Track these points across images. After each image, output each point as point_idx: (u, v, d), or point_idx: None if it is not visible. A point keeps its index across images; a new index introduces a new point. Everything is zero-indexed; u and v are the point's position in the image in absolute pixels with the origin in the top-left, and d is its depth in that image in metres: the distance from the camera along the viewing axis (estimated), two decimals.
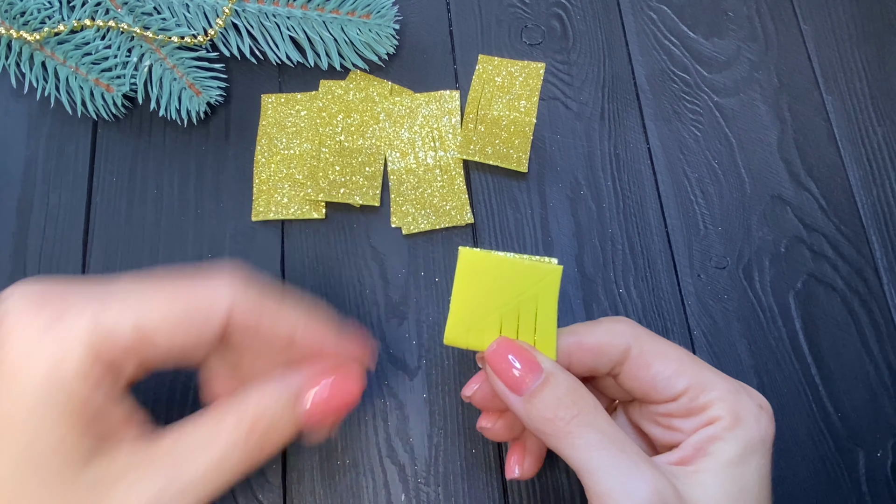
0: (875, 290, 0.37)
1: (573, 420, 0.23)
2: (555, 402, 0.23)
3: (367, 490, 0.32)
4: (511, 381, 0.24)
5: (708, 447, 0.24)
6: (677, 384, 0.25)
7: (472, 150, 0.38)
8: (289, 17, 0.38)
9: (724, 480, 0.23)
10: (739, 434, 0.24)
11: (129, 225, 0.37)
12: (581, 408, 0.23)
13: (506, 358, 0.24)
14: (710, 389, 0.25)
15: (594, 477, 0.22)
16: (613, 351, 0.26)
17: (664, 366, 0.25)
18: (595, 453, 0.22)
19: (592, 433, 0.23)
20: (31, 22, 0.36)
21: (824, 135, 0.40)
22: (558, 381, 0.24)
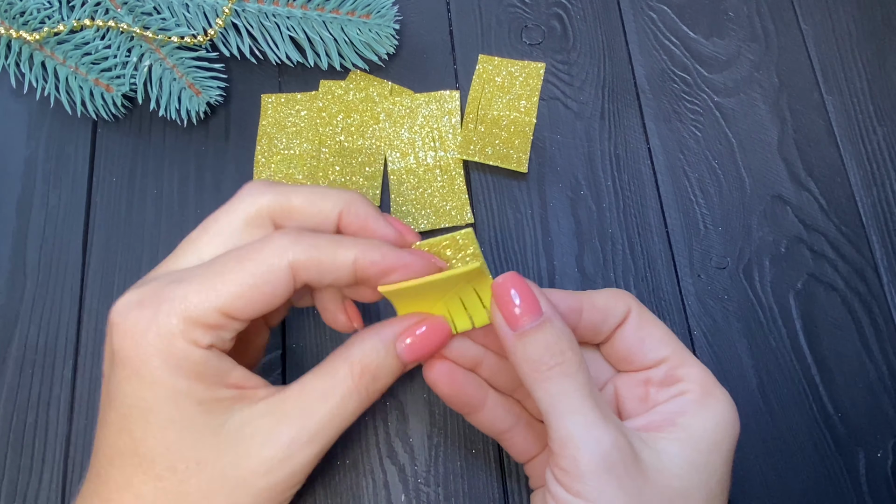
0: (875, 290, 0.37)
1: (556, 367, 0.24)
2: (543, 346, 0.24)
3: (367, 490, 0.32)
4: (510, 316, 0.24)
5: (677, 418, 0.25)
6: (661, 351, 0.26)
7: (472, 150, 0.38)
8: (289, 17, 0.38)
9: (691, 450, 0.24)
10: (710, 410, 0.25)
11: (129, 225, 0.37)
12: (567, 358, 0.24)
13: (510, 292, 0.25)
14: (689, 366, 0.26)
15: (559, 421, 0.23)
16: (618, 312, 0.27)
17: (654, 331, 0.27)
18: (565, 400, 0.23)
19: (569, 383, 0.24)
20: (30, 22, 0.36)
21: (824, 135, 0.40)
22: (553, 327, 0.24)
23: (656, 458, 0.23)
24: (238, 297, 0.23)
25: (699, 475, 0.23)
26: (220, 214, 0.26)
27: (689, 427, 0.24)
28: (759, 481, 0.33)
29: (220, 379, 0.24)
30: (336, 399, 0.25)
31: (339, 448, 0.33)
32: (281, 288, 0.24)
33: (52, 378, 0.34)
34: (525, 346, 0.24)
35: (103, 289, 0.36)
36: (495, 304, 0.25)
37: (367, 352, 0.25)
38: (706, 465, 0.24)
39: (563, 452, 0.23)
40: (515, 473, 0.33)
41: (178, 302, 0.23)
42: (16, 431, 0.33)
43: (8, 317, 0.35)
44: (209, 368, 0.23)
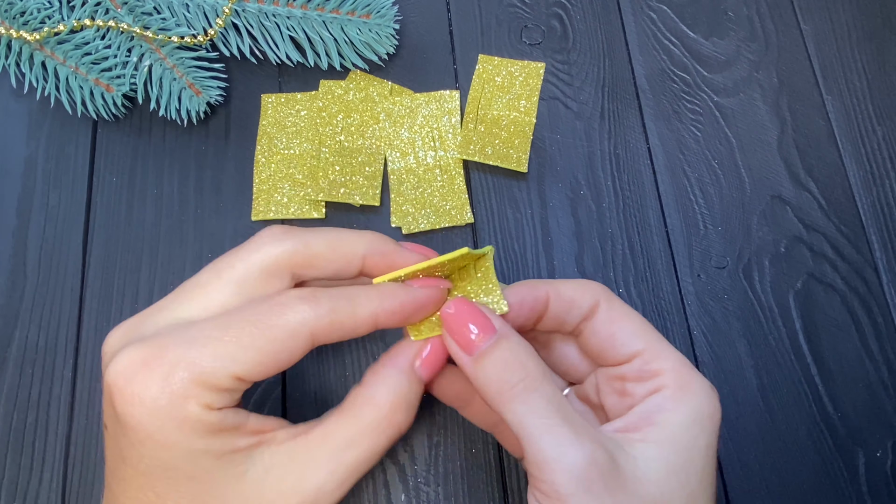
0: (875, 290, 0.37)
1: (518, 384, 0.23)
2: (502, 364, 0.23)
3: (367, 490, 0.32)
4: (463, 341, 0.24)
5: (655, 416, 0.24)
6: (634, 344, 0.25)
7: (472, 150, 0.38)
8: (289, 17, 0.38)
9: (669, 452, 0.23)
10: (687, 405, 0.24)
11: (129, 225, 0.37)
12: (528, 372, 0.23)
13: (461, 318, 0.24)
14: (664, 358, 0.25)
15: (532, 443, 0.22)
16: (584, 304, 0.26)
17: (625, 325, 0.26)
18: (535, 420, 0.23)
19: (535, 399, 0.23)
20: (31, 22, 0.36)
21: (824, 135, 0.40)
22: (509, 343, 0.24)
23: (634, 464, 0.23)
24: (255, 365, 0.22)
25: (678, 477, 0.23)
26: (234, 260, 0.24)
27: (666, 426, 0.24)
28: (759, 481, 0.33)
29: (237, 430, 0.23)
30: (365, 446, 0.24)
31: None
32: (298, 353, 0.23)
33: (52, 378, 0.34)
34: (484, 367, 0.23)
35: (103, 289, 0.36)
36: (447, 334, 0.24)
37: (391, 388, 0.25)
38: (685, 465, 0.23)
39: (541, 475, 0.22)
40: (515, 473, 0.33)
41: (191, 367, 0.22)
42: (16, 431, 0.33)
43: (8, 317, 0.35)
44: (225, 425, 0.23)
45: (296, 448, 0.24)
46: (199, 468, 0.22)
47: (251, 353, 0.22)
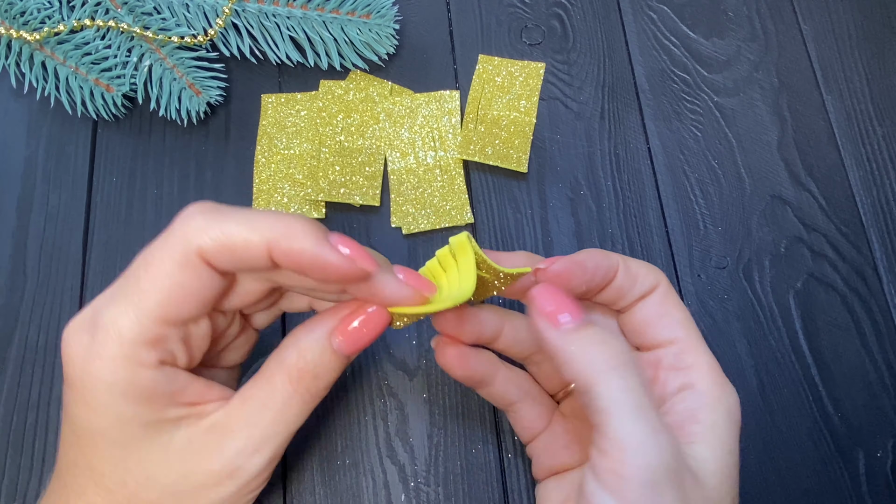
0: (875, 290, 0.37)
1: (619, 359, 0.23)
2: (601, 339, 0.23)
3: (367, 490, 0.32)
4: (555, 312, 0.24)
5: (697, 414, 0.24)
6: (676, 331, 0.26)
7: (472, 150, 0.38)
8: (289, 17, 0.38)
9: (720, 454, 0.23)
10: (724, 405, 0.24)
11: (129, 225, 0.37)
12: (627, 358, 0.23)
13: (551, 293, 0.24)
14: (700, 353, 0.26)
15: (620, 422, 0.22)
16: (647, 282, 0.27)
17: (675, 312, 0.27)
18: (629, 397, 0.22)
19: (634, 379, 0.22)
20: (31, 22, 0.36)
21: (824, 135, 0.40)
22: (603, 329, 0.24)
23: (695, 464, 0.23)
24: (163, 304, 0.22)
25: (729, 480, 0.23)
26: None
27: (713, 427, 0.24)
28: (759, 481, 0.33)
29: (170, 399, 0.23)
30: (276, 407, 0.24)
31: (339, 448, 0.33)
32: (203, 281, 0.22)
33: (52, 378, 0.34)
34: (581, 339, 0.23)
35: (103, 289, 0.35)
36: (536, 308, 0.24)
37: (302, 353, 0.25)
38: (732, 467, 0.24)
39: (619, 455, 0.21)
40: (515, 473, 0.33)
41: (111, 327, 0.22)
42: (16, 431, 0.33)
43: (8, 317, 0.35)
44: (158, 390, 0.23)
45: (216, 417, 0.24)
46: (126, 434, 0.23)
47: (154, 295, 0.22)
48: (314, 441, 0.33)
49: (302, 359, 0.24)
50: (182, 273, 0.22)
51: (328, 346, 0.25)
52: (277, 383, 0.24)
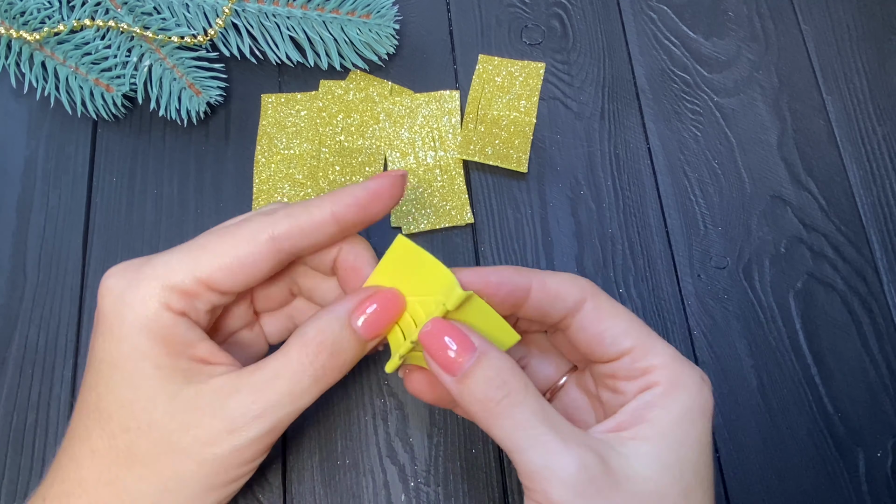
0: (875, 290, 0.37)
1: (503, 401, 0.23)
2: (485, 382, 0.23)
3: (367, 490, 0.32)
4: (445, 362, 0.24)
5: (646, 413, 0.24)
6: (623, 342, 0.25)
7: (472, 150, 0.38)
8: (289, 17, 0.38)
9: (662, 449, 0.23)
10: (678, 401, 0.24)
11: (129, 225, 0.37)
12: (511, 387, 0.23)
13: (440, 338, 0.24)
14: (654, 355, 0.25)
15: (522, 456, 0.22)
16: (569, 299, 0.26)
17: (614, 323, 0.26)
18: (522, 433, 0.23)
19: (520, 413, 0.23)
20: (31, 22, 0.36)
21: (824, 135, 0.40)
22: (490, 361, 0.24)
23: (626, 463, 0.23)
24: (218, 268, 0.24)
25: (671, 472, 0.23)
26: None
27: (658, 423, 0.24)
28: (759, 481, 0.33)
29: (184, 348, 0.25)
30: (288, 376, 0.25)
31: (339, 448, 0.33)
32: (262, 259, 0.25)
33: (52, 378, 0.34)
34: (468, 387, 0.23)
35: None
36: (428, 354, 0.24)
37: (321, 328, 0.25)
38: (678, 460, 0.23)
39: (534, 486, 0.22)
40: (515, 474, 0.33)
41: (160, 268, 0.24)
42: (16, 431, 0.33)
43: (8, 317, 0.35)
44: (176, 335, 0.24)
45: (227, 378, 0.25)
46: (138, 372, 0.24)
47: (214, 258, 0.25)
48: (314, 441, 0.33)
49: (321, 333, 0.25)
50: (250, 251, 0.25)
51: (347, 324, 0.25)
52: (293, 355, 0.25)
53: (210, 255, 0.25)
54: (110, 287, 0.25)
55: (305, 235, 0.25)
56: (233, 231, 0.25)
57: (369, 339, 0.26)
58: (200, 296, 0.25)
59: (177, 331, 0.24)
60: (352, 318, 0.26)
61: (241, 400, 0.24)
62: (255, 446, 0.25)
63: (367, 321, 0.26)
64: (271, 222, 0.25)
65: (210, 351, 0.26)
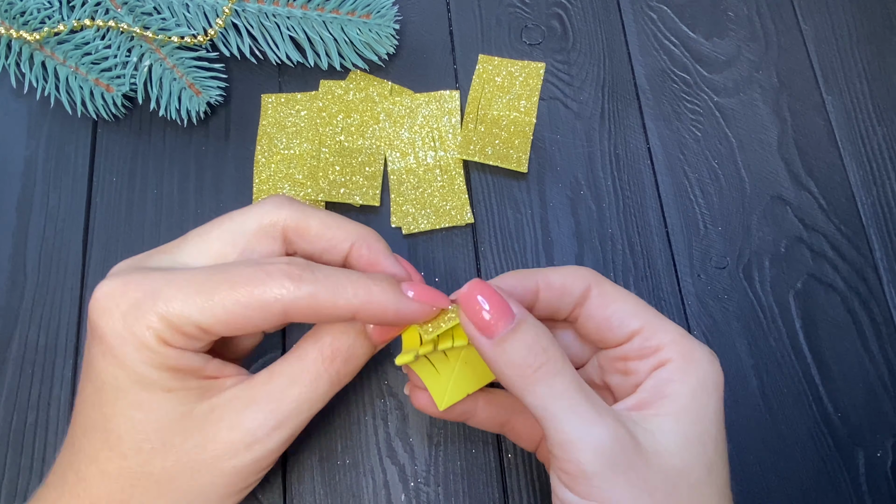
0: (875, 290, 0.37)
1: (540, 368, 0.23)
2: (524, 349, 0.23)
3: (367, 490, 0.32)
4: (482, 324, 0.24)
5: (665, 389, 0.24)
6: (631, 324, 0.25)
7: (472, 150, 0.38)
8: (289, 17, 0.38)
9: (684, 423, 0.23)
10: (693, 374, 0.24)
11: (129, 225, 0.37)
12: (549, 356, 0.23)
13: (477, 300, 0.24)
14: (663, 332, 0.25)
15: (556, 424, 0.23)
16: (576, 290, 0.26)
17: (620, 306, 0.26)
18: (558, 402, 0.23)
19: (557, 382, 0.23)
20: (31, 22, 0.36)
21: (824, 135, 0.40)
22: (529, 328, 0.24)
23: (653, 439, 0.23)
24: (220, 322, 0.23)
25: (695, 448, 0.23)
26: (236, 214, 0.26)
27: (678, 398, 0.24)
28: (759, 481, 0.33)
29: (192, 372, 0.24)
30: (305, 383, 0.25)
31: (339, 448, 0.33)
32: (267, 324, 0.24)
33: (52, 378, 0.34)
34: (505, 351, 0.23)
35: None
36: (465, 315, 0.24)
37: (337, 335, 0.25)
38: (701, 434, 0.23)
39: (566, 456, 0.22)
40: (515, 473, 0.33)
41: (162, 303, 0.23)
42: (16, 431, 0.33)
43: (8, 317, 0.35)
44: (181, 364, 0.24)
45: (241, 389, 0.25)
46: (148, 396, 0.23)
47: (218, 311, 0.23)
48: (314, 441, 0.33)
49: (337, 340, 0.25)
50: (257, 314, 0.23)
51: (362, 332, 0.26)
52: (309, 361, 0.25)
53: (217, 305, 0.23)
54: (107, 308, 0.23)
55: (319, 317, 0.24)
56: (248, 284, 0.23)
57: (381, 344, 0.26)
58: (198, 338, 0.24)
59: (180, 360, 0.24)
60: (366, 326, 0.26)
61: (260, 410, 0.24)
62: (274, 453, 0.25)
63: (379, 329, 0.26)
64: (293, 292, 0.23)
65: (217, 368, 0.25)
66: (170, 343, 0.23)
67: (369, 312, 0.24)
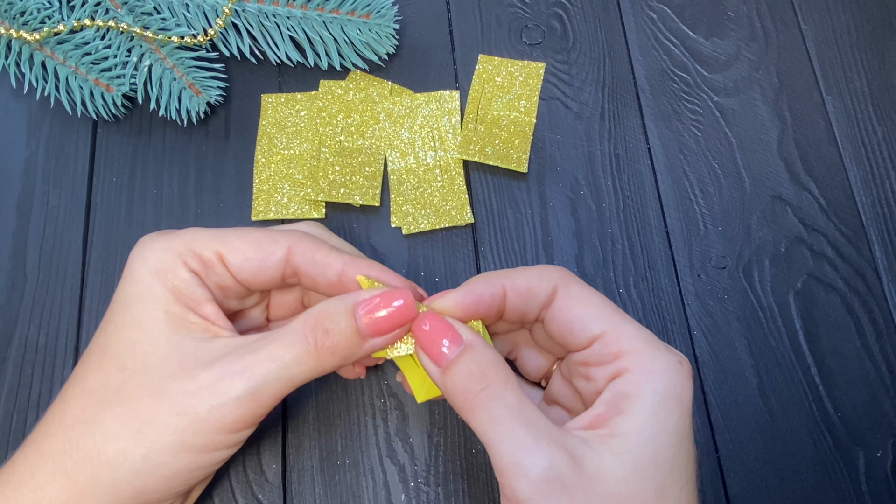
0: (875, 290, 0.37)
1: (481, 393, 0.23)
2: (466, 373, 0.24)
3: (367, 490, 0.32)
4: (431, 352, 0.24)
5: (620, 404, 0.23)
6: (593, 328, 0.25)
7: (472, 150, 0.38)
8: (289, 17, 0.38)
9: (636, 446, 0.23)
10: (650, 389, 0.23)
11: (129, 225, 0.37)
12: (491, 380, 0.23)
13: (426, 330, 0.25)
14: (625, 339, 0.25)
15: (494, 451, 0.23)
16: (542, 292, 0.26)
17: (584, 310, 0.25)
18: (496, 427, 0.23)
19: (497, 407, 0.23)
20: (31, 22, 0.36)
21: (824, 135, 0.40)
22: (474, 353, 0.24)
23: (599, 462, 0.22)
24: (235, 249, 0.27)
25: (646, 471, 0.23)
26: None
27: (632, 416, 0.23)
28: (759, 481, 0.33)
29: (192, 303, 0.26)
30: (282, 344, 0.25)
31: (339, 448, 0.33)
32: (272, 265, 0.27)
33: (52, 378, 0.34)
34: (451, 378, 0.24)
35: (103, 289, 0.36)
36: (418, 346, 0.25)
37: (325, 307, 0.25)
38: (653, 457, 0.23)
39: (504, 481, 0.22)
40: None
41: (188, 234, 0.27)
42: (16, 431, 0.33)
43: (8, 317, 0.35)
44: (187, 288, 0.26)
45: (229, 342, 0.26)
46: (148, 313, 0.25)
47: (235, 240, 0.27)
48: (314, 441, 0.33)
49: (323, 312, 0.25)
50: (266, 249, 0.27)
51: (351, 313, 0.25)
52: (292, 326, 0.25)
53: (232, 238, 0.27)
54: (141, 242, 0.27)
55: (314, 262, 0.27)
56: (259, 233, 0.28)
57: (367, 335, 0.25)
58: (214, 267, 0.27)
59: (188, 285, 0.26)
60: (356, 309, 0.25)
61: (232, 357, 0.25)
62: (236, 411, 0.24)
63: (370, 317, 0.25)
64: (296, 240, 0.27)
65: (215, 314, 0.27)
66: (187, 263, 0.26)
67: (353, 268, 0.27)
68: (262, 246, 0.27)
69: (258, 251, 0.27)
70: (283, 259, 0.27)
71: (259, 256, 0.27)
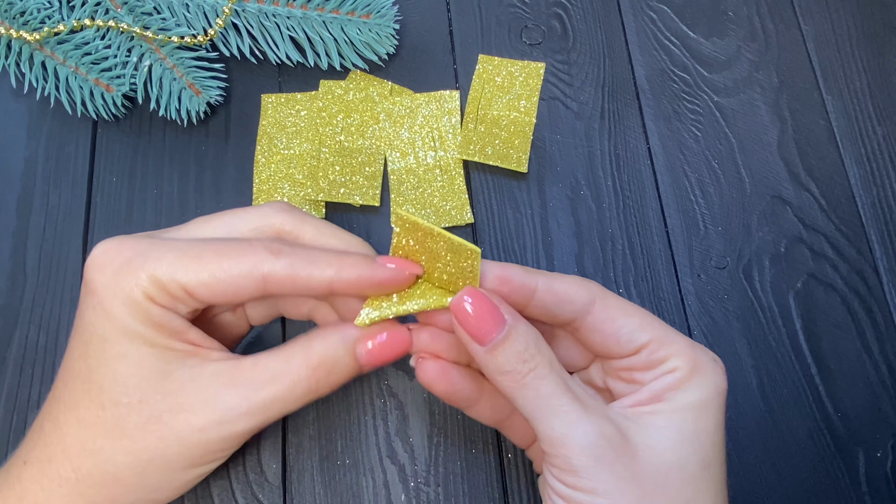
0: (875, 290, 0.37)
1: (529, 373, 0.24)
2: (514, 355, 0.24)
3: (367, 490, 0.32)
4: (475, 332, 0.24)
5: (664, 394, 0.25)
6: (640, 338, 0.26)
7: (472, 150, 0.38)
8: (289, 17, 0.38)
9: (680, 420, 0.24)
10: (696, 383, 0.25)
11: (129, 225, 0.37)
12: (537, 361, 0.24)
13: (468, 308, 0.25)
14: (671, 344, 0.26)
15: (544, 424, 0.24)
16: (578, 302, 0.26)
17: (628, 320, 0.26)
18: (546, 403, 0.24)
19: (545, 385, 0.24)
20: (31, 22, 0.36)
21: (824, 135, 0.40)
22: (519, 334, 0.24)
23: (645, 434, 0.24)
24: (202, 284, 0.25)
25: (691, 443, 0.24)
26: (238, 210, 0.28)
27: (676, 399, 0.24)
28: (759, 481, 0.33)
29: (175, 333, 0.25)
30: (285, 384, 0.26)
31: (339, 448, 0.33)
32: (247, 291, 0.25)
33: (52, 378, 0.34)
34: (497, 359, 0.24)
35: None
36: (458, 323, 0.25)
37: (327, 347, 0.26)
38: (697, 431, 0.24)
39: (555, 452, 0.23)
40: (515, 473, 0.33)
41: (152, 262, 0.25)
42: (16, 431, 0.33)
43: (8, 317, 0.35)
44: (165, 322, 0.25)
45: (224, 368, 0.26)
46: (133, 348, 0.25)
47: (203, 274, 0.25)
48: (314, 441, 0.33)
49: (325, 351, 0.26)
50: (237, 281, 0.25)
51: (352, 350, 0.26)
52: (294, 363, 0.26)
53: (202, 269, 0.25)
54: (101, 264, 0.25)
55: (296, 288, 0.26)
56: (232, 254, 0.25)
57: (367, 367, 0.27)
58: (184, 301, 0.25)
59: (164, 318, 0.25)
60: (357, 345, 0.27)
61: (236, 395, 0.25)
62: (240, 437, 0.26)
63: (370, 353, 0.27)
64: (272, 263, 0.25)
65: (199, 337, 0.26)
66: (155, 300, 0.25)
67: (344, 282, 0.25)
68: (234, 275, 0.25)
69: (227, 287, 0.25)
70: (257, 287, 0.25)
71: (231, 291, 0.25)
